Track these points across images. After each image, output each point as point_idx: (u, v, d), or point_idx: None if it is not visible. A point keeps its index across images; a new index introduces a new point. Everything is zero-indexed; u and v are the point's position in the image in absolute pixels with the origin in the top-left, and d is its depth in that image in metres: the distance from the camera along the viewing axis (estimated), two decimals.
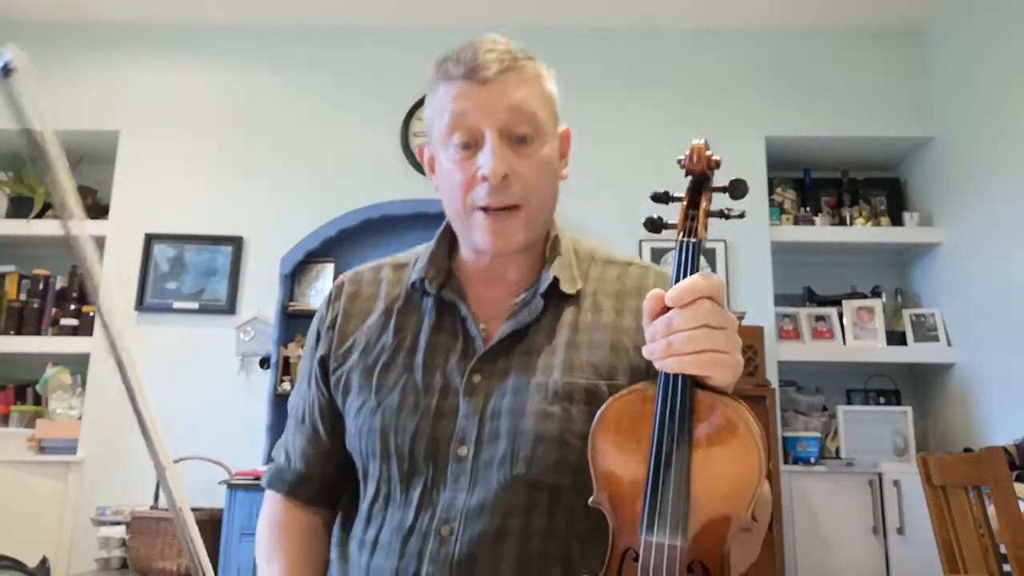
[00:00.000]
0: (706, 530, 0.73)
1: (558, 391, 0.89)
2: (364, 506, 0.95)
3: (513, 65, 0.91)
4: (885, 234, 3.43)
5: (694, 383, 0.73)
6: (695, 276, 0.73)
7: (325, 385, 1.01)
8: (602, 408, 0.78)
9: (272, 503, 1.04)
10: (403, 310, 0.99)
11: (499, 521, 0.86)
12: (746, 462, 0.72)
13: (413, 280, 0.99)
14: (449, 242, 1.02)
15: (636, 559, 0.73)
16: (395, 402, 0.92)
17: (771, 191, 3.50)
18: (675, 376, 0.73)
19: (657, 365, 0.74)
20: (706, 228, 0.79)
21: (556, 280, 0.95)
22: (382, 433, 0.91)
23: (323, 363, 1.01)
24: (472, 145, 0.91)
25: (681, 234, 0.78)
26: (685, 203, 0.81)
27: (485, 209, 0.91)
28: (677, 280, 0.74)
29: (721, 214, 0.81)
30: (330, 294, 1.06)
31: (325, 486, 1.03)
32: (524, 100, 0.91)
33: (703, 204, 0.80)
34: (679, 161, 0.81)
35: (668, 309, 0.73)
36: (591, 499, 0.79)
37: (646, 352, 0.75)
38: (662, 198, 0.82)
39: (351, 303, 1.03)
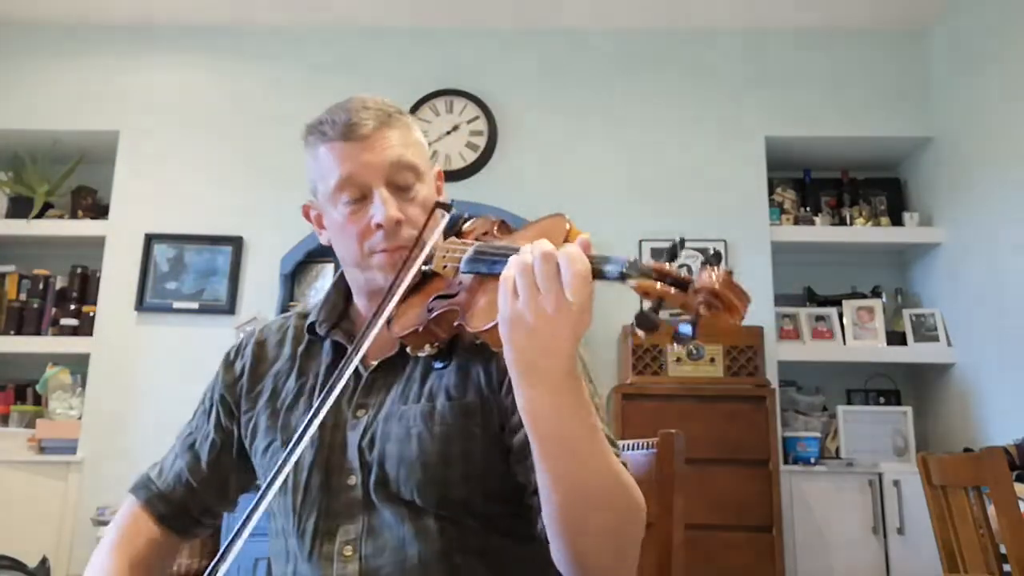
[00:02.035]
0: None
1: (417, 416, 0.97)
2: (279, 544, 1.02)
3: (387, 121, 1.00)
4: (885, 234, 3.43)
5: None
6: None
7: (228, 418, 1.10)
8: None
9: (127, 507, 1.11)
10: (305, 354, 1.08)
11: (395, 535, 0.93)
12: None
13: (308, 324, 1.09)
14: (346, 290, 1.10)
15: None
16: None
17: (771, 191, 3.50)
18: None
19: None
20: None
21: None
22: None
23: (224, 401, 1.10)
24: (361, 199, 0.99)
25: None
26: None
27: (383, 251, 0.99)
28: None
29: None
30: (238, 345, 1.14)
31: (182, 512, 1.10)
32: (403, 154, 1.00)
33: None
34: None
35: None
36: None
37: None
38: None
39: (260, 349, 1.12)
